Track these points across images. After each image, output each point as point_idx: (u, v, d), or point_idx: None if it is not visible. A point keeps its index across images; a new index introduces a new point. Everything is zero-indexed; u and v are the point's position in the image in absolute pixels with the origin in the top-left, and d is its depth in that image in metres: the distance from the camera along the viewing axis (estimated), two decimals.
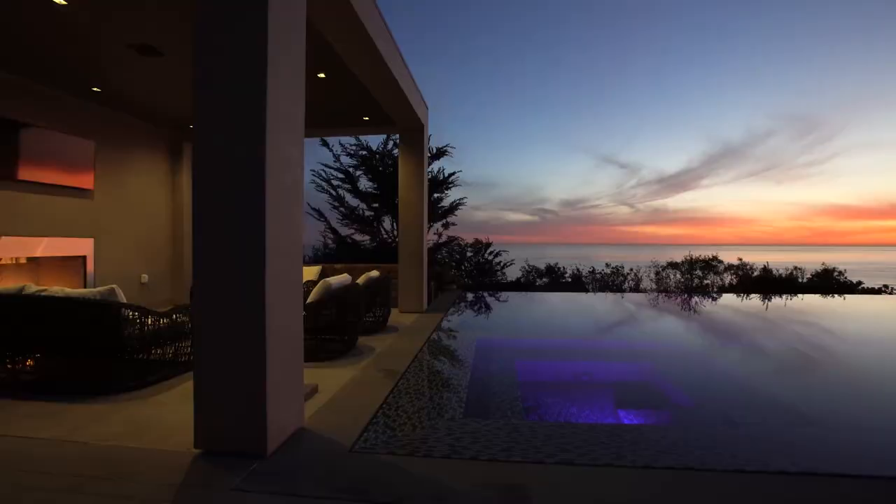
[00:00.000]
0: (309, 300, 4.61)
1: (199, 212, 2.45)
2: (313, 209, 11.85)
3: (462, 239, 12.67)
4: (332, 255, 11.91)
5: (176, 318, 3.85)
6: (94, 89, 5.97)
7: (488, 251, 12.86)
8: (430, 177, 11.90)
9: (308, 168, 11.85)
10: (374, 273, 6.21)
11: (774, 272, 12.34)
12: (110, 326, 3.44)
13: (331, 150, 11.64)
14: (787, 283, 11.97)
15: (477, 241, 12.92)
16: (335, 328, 4.73)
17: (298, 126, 2.84)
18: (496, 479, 2.32)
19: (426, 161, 7.79)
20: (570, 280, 12.70)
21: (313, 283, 5.75)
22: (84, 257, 6.50)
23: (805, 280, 12.17)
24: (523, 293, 11.10)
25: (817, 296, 10.59)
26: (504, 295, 10.62)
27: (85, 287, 6.35)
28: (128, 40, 4.46)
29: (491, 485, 2.27)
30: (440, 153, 11.92)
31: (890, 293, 11.34)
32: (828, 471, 2.43)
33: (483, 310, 8.65)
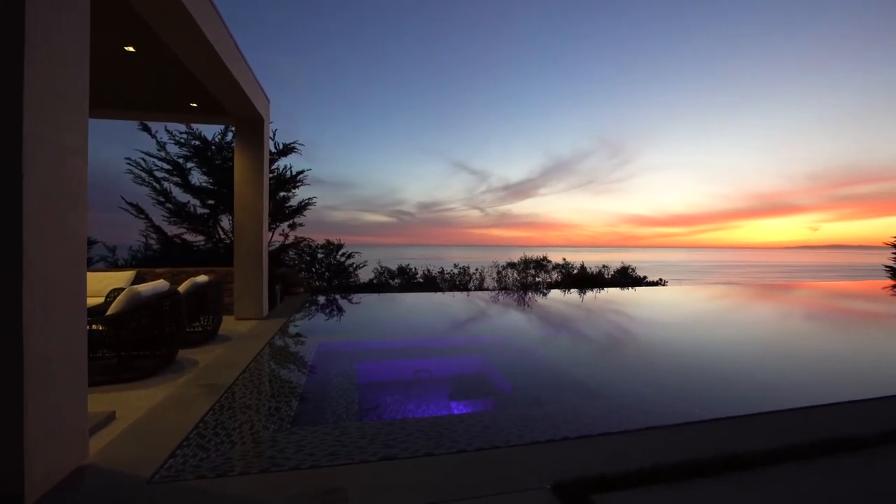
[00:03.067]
0: (109, 311, 3.93)
1: None
2: (129, 204, 10.12)
3: (312, 240, 12.17)
4: (156, 257, 10.32)
5: None
6: None
7: (340, 252, 12.59)
8: (275, 174, 11.17)
9: (123, 156, 10.06)
10: (202, 277, 5.59)
11: (588, 270, 14.68)
12: None
13: (154, 137, 10.08)
14: (597, 279, 14.36)
15: (329, 243, 12.55)
16: (147, 342, 4.12)
17: (79, 105, 2.40)
18: (316, 486, 2.30)
19: (267, 156, 7.29)
20: (421, 280, 13.20)
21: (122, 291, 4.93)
22: None
23: (609, 276, 14.73)
24: (375, 294, 11.16)
25: (617, 289, 12.92)
26: (356, 297, 10.53)
27: None
28: None
29: (309, 492, 2.24)
30: (287, 150, 11.25)
31: (664, 285, 14.44)
32: (599, 432, 2.99)
33: (331, 313, 8.44)
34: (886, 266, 15.31)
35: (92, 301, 5.34)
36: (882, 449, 2.75)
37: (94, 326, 3.79)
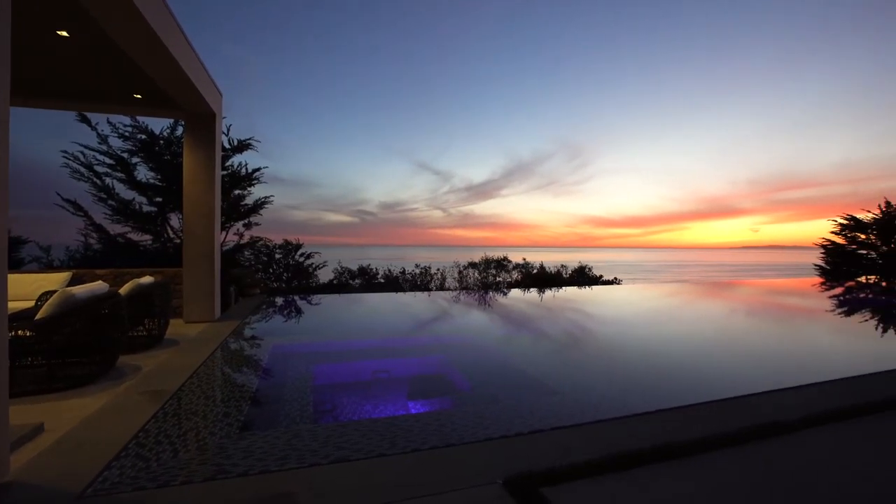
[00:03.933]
0: (38, 315, 3.66)
1: None
2: (66, 200, 9.46)
3: (269, 240, 11.80)
4: (98, 258, 9.70)
5: None
6: None
7: (299, 252, 12.28)
8: (229, 171, 10.76)
9: (59, 149, 9.38)
10: (146, 279, 5.30)
11: (548, 270, 15.01)
12: None
13: (94, 130, 9.46)
14: (556, 279, 14.71)
15: (287, 242, 12.21)
16: (82, 348, 3.86)
17: None
18: (264, 491, 2.23)
19: (219, 153, 7.01)
20: (382, 281, 13.07)
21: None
22: None
23: (567, 276, 15.14)
24: (335, 295, 10.95)
25: (574, 287, 13.29)
26: (315, 298, 10.30)
27: None
28: None
29: (257, 498, 2.17)
30: (243, 146, 10.86)
31: (619, 283, 14.99)
32: (552, 426, 3.07)
33: (288, 314, 8.22)
34: (816, 265, 16.56)
35: (20, 305, 4.95)
36: (804, 433, 2.97)
37: (19, 332, 3.51)
